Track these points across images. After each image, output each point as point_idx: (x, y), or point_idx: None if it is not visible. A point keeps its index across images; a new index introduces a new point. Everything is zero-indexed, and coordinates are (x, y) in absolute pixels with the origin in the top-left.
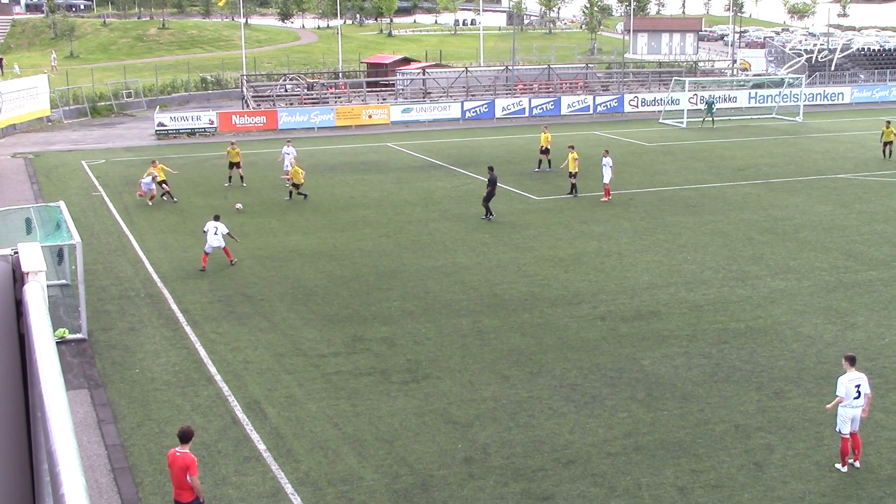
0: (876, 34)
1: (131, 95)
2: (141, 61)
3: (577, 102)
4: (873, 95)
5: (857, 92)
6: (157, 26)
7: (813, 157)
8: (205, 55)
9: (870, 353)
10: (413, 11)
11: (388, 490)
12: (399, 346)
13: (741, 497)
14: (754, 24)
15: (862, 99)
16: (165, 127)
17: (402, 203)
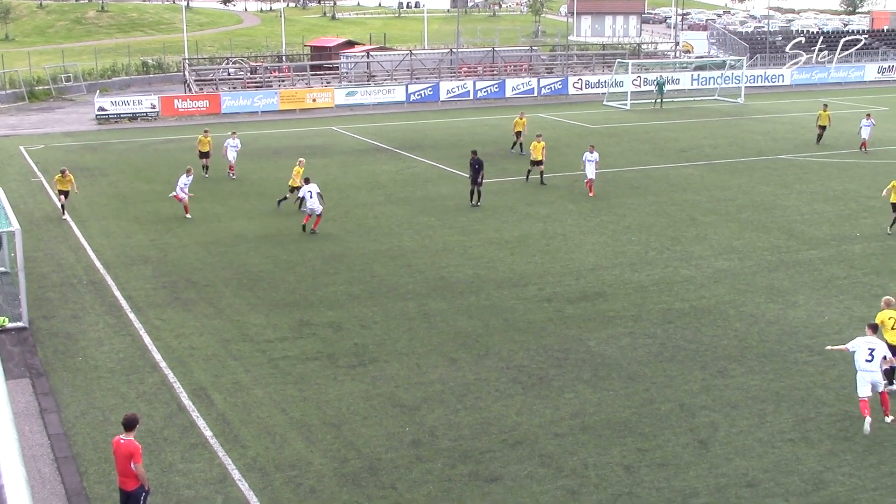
0: (815, 16)
1: (70, 79)
2: (80, 44)
3: (521, 85)
4: (812, 77)
5: (797, 74)
6: (96, 9)
7: (754, 139)
8: (146, 38)
9: (810, 331)
10: None
11: (336, 474)
12: (346, 331)
13: (686, 475)
14: (696, 6)
15: (802, 81)
16: (106, 111)
17: (348, 187)
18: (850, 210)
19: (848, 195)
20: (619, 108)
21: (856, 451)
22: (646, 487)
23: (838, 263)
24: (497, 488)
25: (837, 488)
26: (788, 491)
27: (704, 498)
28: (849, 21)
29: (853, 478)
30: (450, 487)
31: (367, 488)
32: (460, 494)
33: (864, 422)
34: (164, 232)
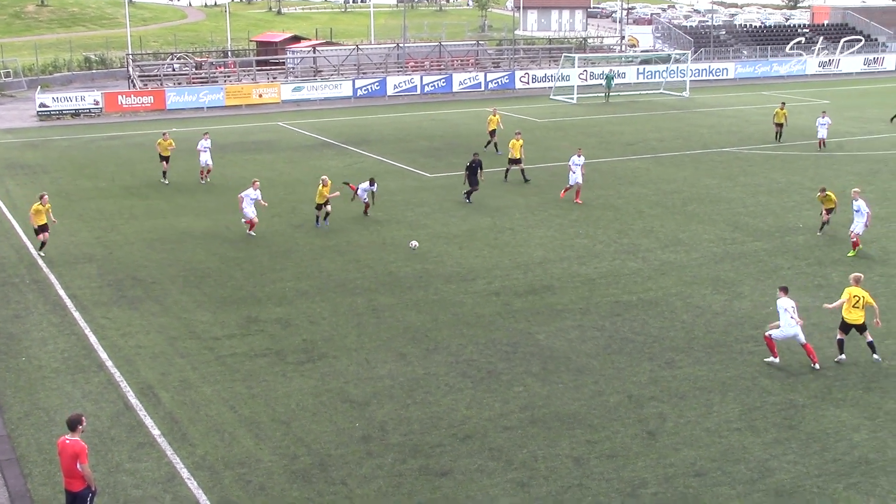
0: (758, 11)
1: (10, 75)
2: (19, 39)
3: (468, 79)
4: (756, 71)
5: (741, 67)
6: (36, 3)
7: (699, 132)
8: (87, 33)
9: (755, 321)
10: None
11: (285, 471)
12: (294, 327)
13: (635, 465)
14: (641, 1)
15: (745, 74)
16: (48, 108)
17: (295, 182)
18: (793, 202)
19: (791, 187)
20: (566, 102)
21: (800, 440)
22: (595, 479)
23: (782, 254)
24: (447, 482)
25: (783, 476)
26: (735, 479)
27: (653, 488)
28: (790, 15)
29: (798, 465)
30: (400, 482)
31: (317, 484)
32: (411, 489)
33: (772, 359)
34: (109, 230)
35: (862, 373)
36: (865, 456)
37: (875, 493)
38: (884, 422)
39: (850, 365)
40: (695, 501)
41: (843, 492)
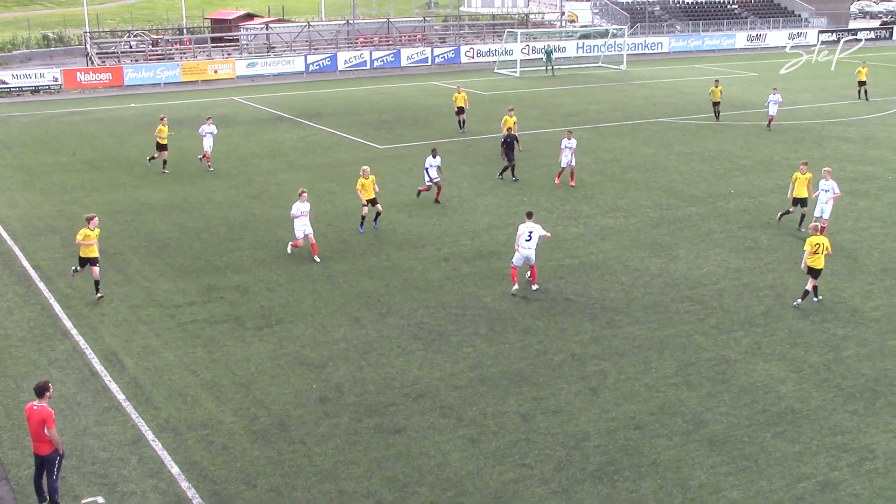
0: None
1: None
2: None
3: (416, 54)
4: (689, 45)
5: (675, 42)
6: None
7: (636, 103)
8: (45, 12)
9: (691, 282)
10: None
11: (246, 431)
12: (252, 294)
13: (579, 420)
14: None
15: (679, 48)
16: (7, 84)
17: (250, 155)
18: (724, 169)
19: (722, 155)
20: (510, 75)
21: (732, 392)
22: (541, 433)
23: (715, 219)
24: (401, 439)
25: (716, 427)
26: (672, 431)
27: (596, 441)
28: None
29: (730, 416)
30: (356, 440)
31: (277, 444)
32: (367, 446)
33: (512, 287)
34: (71, 203)
35: (788, 329)
36: (791, 406)
37: (800, 441)
38: (808, 374)
39: (776, 322)
40: (635, 453)
41: (771, 440)
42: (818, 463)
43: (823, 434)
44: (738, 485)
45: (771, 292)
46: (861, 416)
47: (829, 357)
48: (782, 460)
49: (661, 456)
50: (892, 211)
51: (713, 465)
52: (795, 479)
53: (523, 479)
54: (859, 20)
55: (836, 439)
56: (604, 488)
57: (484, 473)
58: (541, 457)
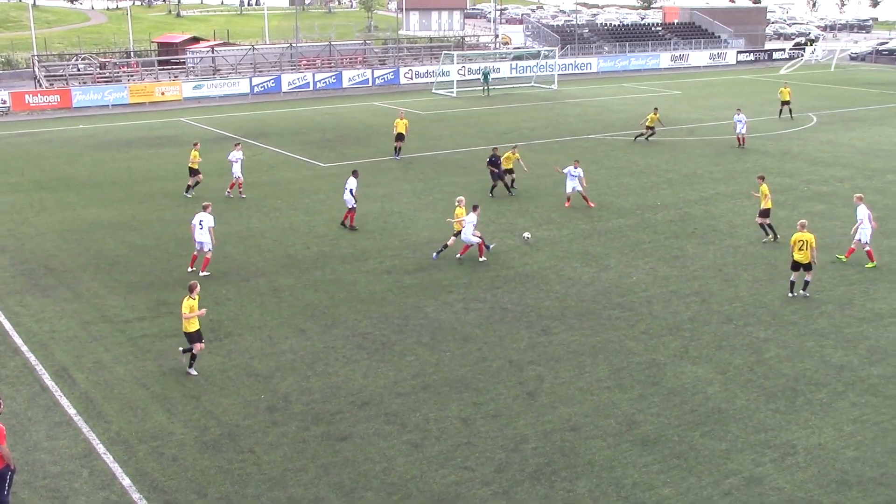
0: (616, 11)
1: None
2: None
3: (357, 76)
4: (616, 65)
5: (603, 62)
6: None
7: (568, 121)
8: None
9: (621, 290)
10: None
11: (197, 442)
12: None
13: (517, 423)
14: (513, 2)
15: (607, 68)
16: None
17: None
18: (651, 182)
19: (649, 169)
20: (447, 95)
21: (662, 394)
22: (482, 437)
23: (643, 229)
24: (347, 446)
25: (648, 427)
26: (606, 432)
27: (534, 443)
28: (645, 15)
29: (660, 417)
30: (304, 448)
31: (226, 453)
32: (314, 453)
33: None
34: (21, 222)
35: (714, 333)
36: (718, 406)
37: (726, 439)
38: (733, 375)
39: (703, 326)
40: (571, 453)
41: (699, 438)
42: (744, 459)
43: (748, 432)
44: (669, 482)
45: (697, 298)
46: (783, 413)
47: (752, 359)
48: (710, 458)
49: (596, 456)
50: (808, 220)
51: (645, 464)
52: (723, 475)
53: (465, 481)
54: (774, 41)
55: (760, 436)
56: (542, 488)
57: (427, 477)
58: (481, 459)
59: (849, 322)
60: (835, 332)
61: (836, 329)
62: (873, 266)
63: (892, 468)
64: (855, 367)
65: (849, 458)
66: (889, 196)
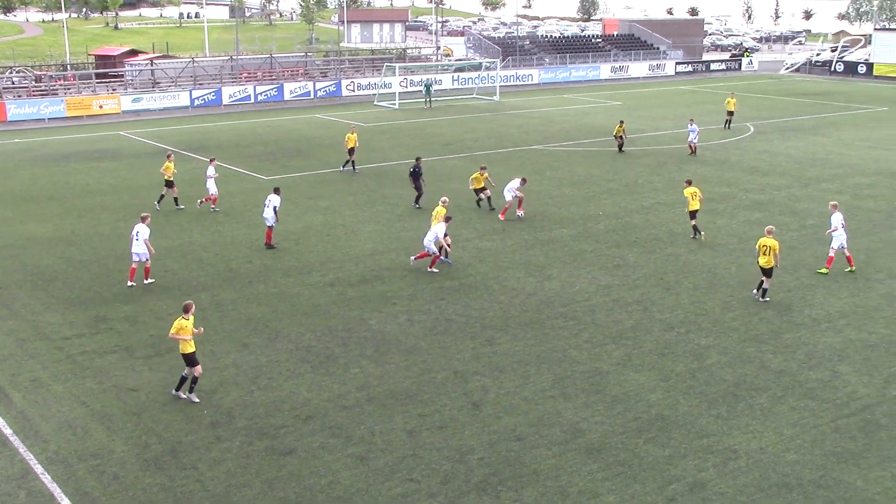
0: (557, 23)
1: None
2: None
3: (298, 88)
4: (557, 76)
5: (544, 73)
6: None
7: (510, 132)
8: None
9: (564, 299)
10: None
11: (138, 459)
12: (142, 324)
13: (463, 434)
14: (454, 14)
15: (548, 79)
16: None
17: (138, 188)
18: (593, 192)
19: (591, 179)
20: (389, 107)
21: (606, 402)
22: (427, 449)
23: (585, 239)
24: (292, 460)
25: (592, 435)
26: (551, 441)
27: (479, 453)
28: (585, 27)
29: (604, 425)
30: (248, 463)
31: (169, 470)
32: (258, 468)
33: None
34: None
35: (656, 340)
36: (661, 413)
37: (669, 445)
38: (675, 382)
39: (645, 334)
40: (516, 463)
41: (643, 445)
42: (687, 465)
43: (691, 438)
44: (614, 489)
45: (639, 307)
46: (724, 419)
47: (693, 365)
48: (654, 464)
49: (541, 465)
50: (746, 228)
51: (590, 472)
52: (666, 481)
53: (411, 493)
54: (711, 52)
55: (703, 442)
56: (488, 499)
57: (373, 490)
58: (427, 471)
59: (787, 328)
60: (774, 338)
61: (775, 335)
62: (852, 270)
63: (830, 470)
64: (794, 371)
65: (789, 462)
66: (824, 204)
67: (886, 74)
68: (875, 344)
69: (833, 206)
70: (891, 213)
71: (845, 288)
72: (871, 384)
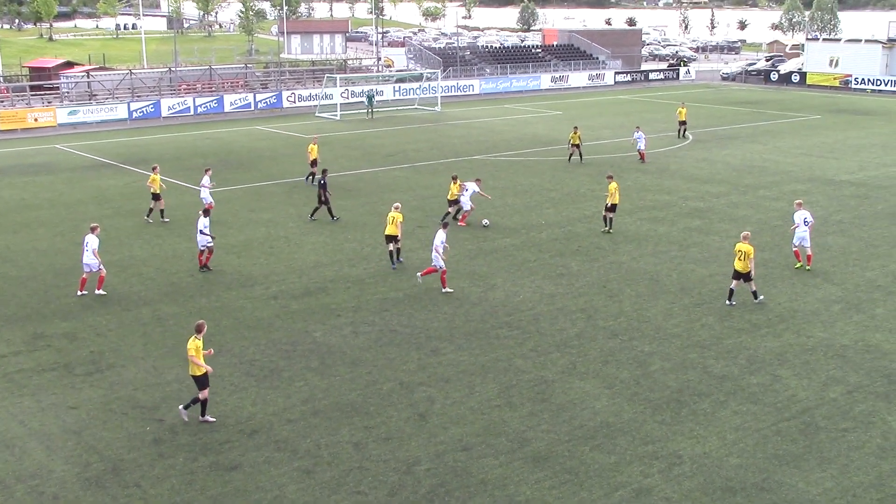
0: (497, 33)
1: None
2: None
3: (238, 100)
4: (498, 86)
5: (485, 84)
6: None
7: (452, 142)
8: None
9: (508, 308)
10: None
11: (79, 479)
12: (81, 340)
13: (409, 445)
14: (394, 25)
15: (489, 90)
16: None
17: (76, 202)
18: (535, 202)
19: (533, 189)
20: (330, 118)
21: (551, 410)
22: (374, 461)
23: (528, 248)
24: (237, 475)
25: (538, 444)
26: (498, 450)
27: (426, 465)
28: (525, 37)
29: (550, 433)
30: (192, 479)
31: (111, 489)
32: (203, 485)
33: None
34: None
35: (600, 348)
36: (606, 420)
37: (615, 452)
38: (620, 390)
39: (589, 342)
40: (464, 473)
41: (589, 453)
42: (632, 471)
43: (636, 444)
44: (561, 497)
45: (583, 315)
46: (668, 425)
47: (637, 372)
48: (600, 471)
49: (488, 475)
50: (686, 235)
51: (538, 480)
52: (613, 488)
53: None
54: (650, 62)
55: (648, 448)
56: None
57: (320, 503)
58: (374, 483)
59: (728, 333)
60: (716, 344)
61: (716, 340)
62: (800, 266)
63: (773, 473)
64: (735, 376)
65: (732, 466)
66: (762, 211)
67: (819, 83)
68: (813, 347)
69: (797, 204)
70: (826, 218)
71: (784, 293)
72: (811, 387)
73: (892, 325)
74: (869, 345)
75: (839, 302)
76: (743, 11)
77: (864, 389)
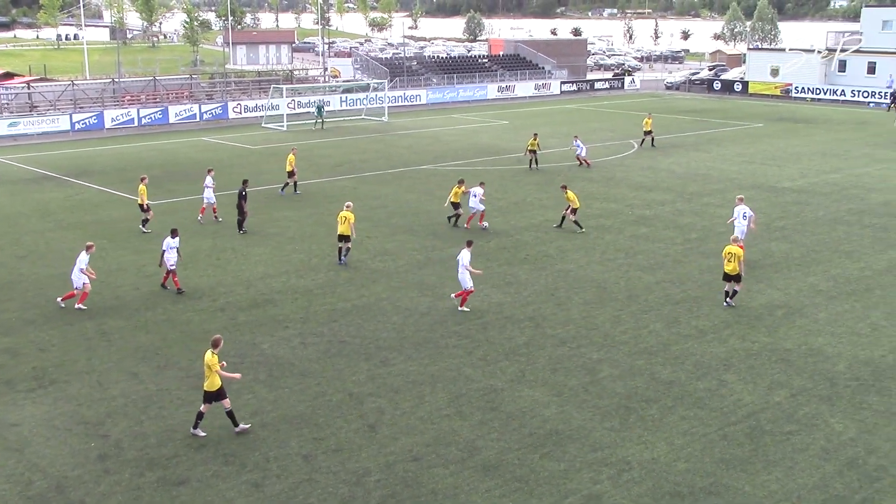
0: (444, 43)
1: None
2: None
3: (184, 111)
4: (445, 96)
5: (432, 94)
6: None
7: (399, 152)
8: None
9: (457, 318)
10: (13, 26)
11: (21, 497)
12: (23, 356)
13: (359, 456)
14: (341, 35)
15: (436, 100)
16: None
17: (16, 215)
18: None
19: None
20: (277, 129)
21: (501, 419)
22: (323, 472)
23: (476, 257)
24: (185, 490)
25: (488, 452)
26: (448, 460)
27: (376, 475)
28: (472, 47)
29: (500, 441)
30: (139, 495)
31: None
32: (150, 500)
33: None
34: None
35: (549, 356)
36: (555, 428)
37: (565, 459)
38: (568, 397)
39: (538, 350)
40: (414, 483)
41: (539, 461)
42: (582, 478)
43: (585, 451)
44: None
45: (531, 323)
46: (617, 431)
47: (586, 380)
48: (550, 479)
49: (439, 485)
50: (633, 243)
51: (488, 489)
52: (563, 495)
53: None
54: (595, 72)
55: (597, 455)
56: None
57: None
58: (324, 495)
59: (675, 339)
60: (663, 350)
61: (663, 346)
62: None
63: (720, 477)
64: (682, 382)
65: (680, 471)
66: (706, 218)
67: (760, 92)
68: (757, 352)
69: (739, 199)
70: (768, 225)
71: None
72: (756, 391)
73: (834, 329)
74: (812, 349)
75: (782, 307)
76: (686, 22)
77: (807, 393)
